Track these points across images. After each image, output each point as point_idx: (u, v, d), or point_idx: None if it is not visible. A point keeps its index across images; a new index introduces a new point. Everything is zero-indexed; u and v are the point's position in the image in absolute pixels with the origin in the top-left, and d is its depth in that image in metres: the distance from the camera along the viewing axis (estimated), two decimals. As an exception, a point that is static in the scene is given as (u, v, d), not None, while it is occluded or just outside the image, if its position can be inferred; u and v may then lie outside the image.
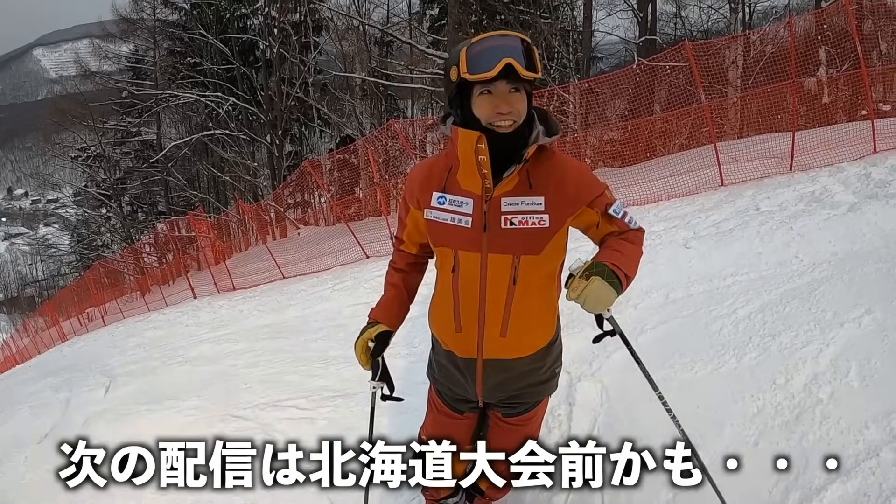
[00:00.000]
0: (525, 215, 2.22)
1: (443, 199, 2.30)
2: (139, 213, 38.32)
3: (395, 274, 2.65)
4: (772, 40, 16.83)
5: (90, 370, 8.27)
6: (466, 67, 2.07)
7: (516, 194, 2.23)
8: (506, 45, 2.07)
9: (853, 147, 9.67)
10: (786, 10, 23.21)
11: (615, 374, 4.32)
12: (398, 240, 2.64)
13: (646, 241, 7.13)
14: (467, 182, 2.26)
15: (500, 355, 2.41)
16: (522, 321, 2.36)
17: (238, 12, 32.29)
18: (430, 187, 2.34)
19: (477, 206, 2.24)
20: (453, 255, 2.32)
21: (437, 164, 2.38)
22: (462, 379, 2.52)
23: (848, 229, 6.20)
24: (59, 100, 42.65)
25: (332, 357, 6.47)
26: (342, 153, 22.18)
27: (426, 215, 2.35)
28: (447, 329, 2.45)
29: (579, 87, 15.98)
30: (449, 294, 2.39)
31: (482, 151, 2.14)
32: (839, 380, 3.64)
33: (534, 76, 2.08)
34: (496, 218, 2.22)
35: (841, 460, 3.08)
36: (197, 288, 17.70)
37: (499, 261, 2.26)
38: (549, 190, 2.24)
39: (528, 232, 2.23)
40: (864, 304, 4.35)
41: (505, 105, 2.10)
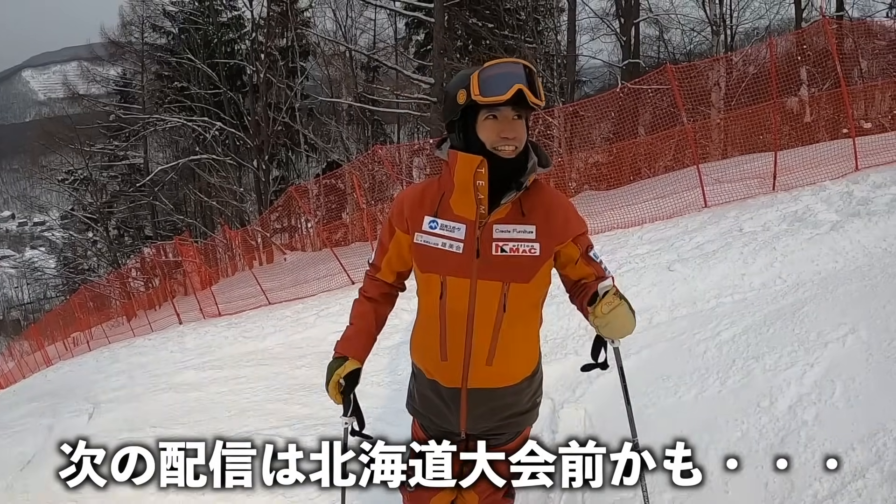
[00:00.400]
0: (516, 243, 2.22)
1: (434, 223, 2.28)
2: (126, 238, 38.19)
3: (366, 303, 2.59)
4: (754, 61, 17.02)
5: (74, 396, 8.19)
6: (479, 90, 2.08)
7: (508, 222, 2.23)
8: (517, 72, 2.09)
9: (835, 165, 9.74)
10: (767, 31, 23.48)
11: (599, 401, 4.29)
12: (374, 267, 2.59)
13: (630, 265, 7.14)
14: (461, 207, 2.24)
15: (485, 384, 2.37)
16: (509, 350, 2.33)
17: (226, 37, 32.46)
18: (421, 211, 2.31)
19: (470, 231, 2.22)
20: (441, 281, 2.28)
21: (430, 189, 2.36)
22: (445, 409, 2.47)
23: (831, 248, 6.23)
24: (46, 122, 42.65)
25: (316, 385, 6.40)
26: (328, 178, 22.18)
27: (416, 239, 2.31)
28: (432, 358, 2.41)
29: (564, 111, 16.07)
30: (435, 322, 2.35)
31: (481, 176, 2.14)
32: (824, 401, 3.63)
33: (540, 104, 2.11)
34: (488, 244, 2.21)
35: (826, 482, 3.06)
36: (183, 313, 17.58)
37: (488, 287, 2.24)
38: (540, 219, 2.25)
39: (518, 259, 2.23)
40: (848, 323, 4.35)
41: (510, 130, 2.12)
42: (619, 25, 22.75)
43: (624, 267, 7.71)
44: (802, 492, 3.06)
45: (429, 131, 23.92)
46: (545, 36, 24.66)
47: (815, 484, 3.07)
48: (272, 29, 28.98)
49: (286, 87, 28.09)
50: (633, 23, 22.13)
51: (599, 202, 12.73)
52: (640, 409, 4.01)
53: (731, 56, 18.63)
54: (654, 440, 2.69)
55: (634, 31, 22.37)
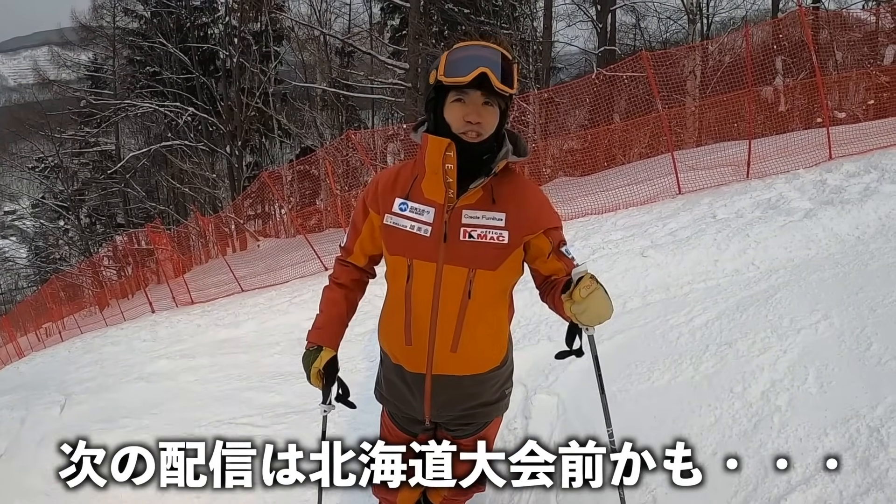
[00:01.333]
0: (485, 229, 2.20)
1: (405, 205, 2.26)
2: (97, 226, 37.78)
3: (337, 290, 2.55)
4: (729, 50, 17.11)
5: (46, 388, 8.08)
6: (444, 71, 2.07)
7: (478, 208, 2.21)
8: (485, 55, 2.07)
9: (809, 154, 9.81)
10: (743, 20, 23.59)
11: (572, 387, 4.28)
12: (345, 250, 2.54)
13: (604, 250, 7.13)
14: (431, 191, 2.22)
15: (449, 371, 2.34)
16: (474, 337, 2.30)
17: (198, 21, 32.09)
18: (393, 193, 2.29)
19: (438, 215, 2.21)
20: (408, 264, 2.26)
21: (404, 171, 2.34)
22: (410, 395, 2.44)
23: (804, 235, 6.27)
24: (16, 108, 41.96)
25: (289, 372, 6.38)
26: (302, 164, 22.05)
27: (385, 220, 2.29)
28: (397, 342, 2.38)
29: (539, 97, 16.05)
30: (401, 305, 2.32)
31: (450, 160, 2.12)
32: (797, 386, 3.64)
33: (507, 90, 2.07)
34: (455, 229, 2.19)
35: (800, 468, 3.07)
36: (155, 302, 17.41)
37: (454, 272, 2.21)
38: (511, 208, 2.23)
39: (486, 246, 2.20)
40: (820, 309, 4.38)
41: (475, 115, 2.08)
42: (596, 12, 22.82)
43: (597, 253, 7.72)
44: (776, 477, 3.06)
45: (403, 117, 23.83)
46: (521, 22, 24.63)
47: (790, 470, 3.08)
48: (246, 13, 28.64)
49: (259, 72, 27.86)
50: (610, 10, 22.19)
51: (574, 188, 12.74)
52: (613, 395, 4.01)
53: (706, 44, 18.72)
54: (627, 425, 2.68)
55: (611, 18, 22.43)
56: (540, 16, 23.58)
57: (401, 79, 22.53)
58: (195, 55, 30.59)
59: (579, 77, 21.24)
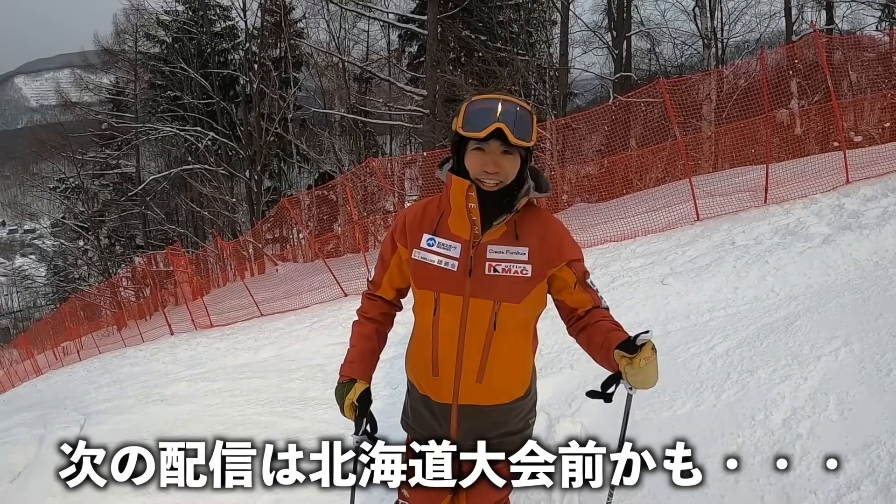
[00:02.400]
0: (509, 263, 2.27)
1: (432, 241, 2.33)
2: (117, 247, 38.00)
3: (368, 324, 2.61)
4: (745, 74, 17.11)
5: (65, 407, 8.14)
6: (462, 123, 2.14)
7: (502, 243, 2.28)
8: (504, 109, 2.11)
9: (826, 178, 9.79)
10: (758, 43, 23.63)
11: (595, 415, 4.29)
12: (374, 284, 2.61)
13: (623, 278, 7.14)
14: (457, 227, 2.30)
15: (475, 401, 2.39)
16: (499, 368, 2.36)
17: (219, 47, 32.52)
18: (421, 229, 2.36)
19: (464, 250, 2.28)
20: (435, 297, 2.33)
21: (430, 207, 2.41)
22: (436, 425, 2.49)
23: (822, 262, 6.27)
24: (38, 129, 42.34)
25: (310, 398, 6.41)
26: (321, 189, 22.18)
27: (413, 255, 2.35)
28: (424, 373, 2.44)
29: (556, 124, 16.14)
30: (428, 337, 2.38)
31: (472, 199, 2.21)
32: (818, 414, 3.65)
33: (524, 144, 2.14)
34: (481, 264, 2.26)
35: (822, 495, 3.08)
36: (174, 324, 17.52)
37: (480, 305, 2.29)
38: (533, 242, 2.30)
39: (510, 280, 2.27)
40: (840, 336, 4.39)
41: (492, 165, 2.15)
42: (612, 38, 22.93)
43: (617, 281, 7.73)
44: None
45: (421, 143, 23.97)
46: (538, 48, 24.76)
47: (811, 496, 3.09)
48: (265, 39, 29.05)
49: (279, 98, 28.14)
50: (625, 36, 22.28)
51: (592, 215, 12.77)
52: (635, 423, 4.03)
53: (722, 69, 18.76)
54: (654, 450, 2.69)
55: (626, 44, 22.52)
56: (556, 42, 23.69)
57: (418, 105, 22.68)
58: (216, 80, 30.95)
59: (596, 103, 21.34)
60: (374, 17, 26.86)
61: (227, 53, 32.81)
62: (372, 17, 26.64)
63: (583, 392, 4.55)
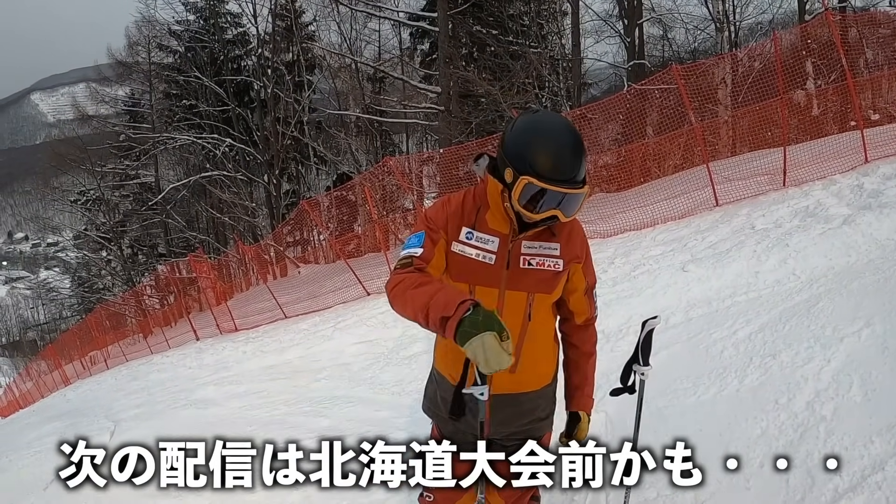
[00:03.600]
0: (542, 258, 2.37)
1: (471, 234, 2.38)
2: (139, 256, 38.29)
3: (426, 277, 2.28)
4: (759, 56, 16.96)
5: (94, 414, 8.26)
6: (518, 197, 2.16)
7: (537, 239, 2.37)
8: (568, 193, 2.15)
9: (845, 158, 9.70)
10: (770, 25, 23.39)
11: (618, 404, 4.29)
12: (423, 259, 2.36)
13: (644, 266, 7.12)
14: (495, 222, 2.36)
15: (508, 390, 2.46)
16: (532, 356, 2.45)
17: (232, 54, 32.68)
18: (460, 222, 2.41)
19: (502, 244, 2.35)
20: (469, 290, 2.39)
21: (467, 201, 2.45)
22: (469, 415, 2.53)
23: (843, 242, 6.24)
24: (57, 144, 42.71)
25: (337, 397, 6.46)
26: (339, 191, 22.24)
27: (452, 248, 2.40)
28: (457, 366, 2.46)
29: (571, 115, 16.08)
30: None
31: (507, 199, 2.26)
32: (842, 395, 3.66)
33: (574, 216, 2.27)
34: (517, 258, 2.35)
35: (847, 476, 3.09)
36: (199, 329, 17.65)
37: (515, 297, 2.37)
38: (564, 238, 2.40)
39: (544, 273, 2.37)
40: (863, 317, 4.38)
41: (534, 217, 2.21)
42: (623, 27, 22.76)
43: (638, 269, 7.73)
44: (823, 486, 3.09)
45: (437, 140, 23.99)
46: (549, 40, 24.69)
47: (836, 478, 3.10)
48: (277, 44, 29.16)
49: (294, 101, 28.27)
50: (637, 23, 22.10)
51: (611, 205, 12.74)
52: (659, 410, 4.06)
53: (735, 52, 18.61)
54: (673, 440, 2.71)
55: (638, 31, 22.34)
56: (568, 33, 23.58)
57: (433, 102, 22.70)
58: (230, 87, 31.10)
59: (610, 92, 21.23)
60: (384, 17, 26.87)
61: (240, 60, 32.96)
62: (382, 16, 26.64)
63: (606, 382, 4.58)
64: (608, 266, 8.34)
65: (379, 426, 5.17)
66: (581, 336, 2.61)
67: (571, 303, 2.53)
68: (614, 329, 6.06)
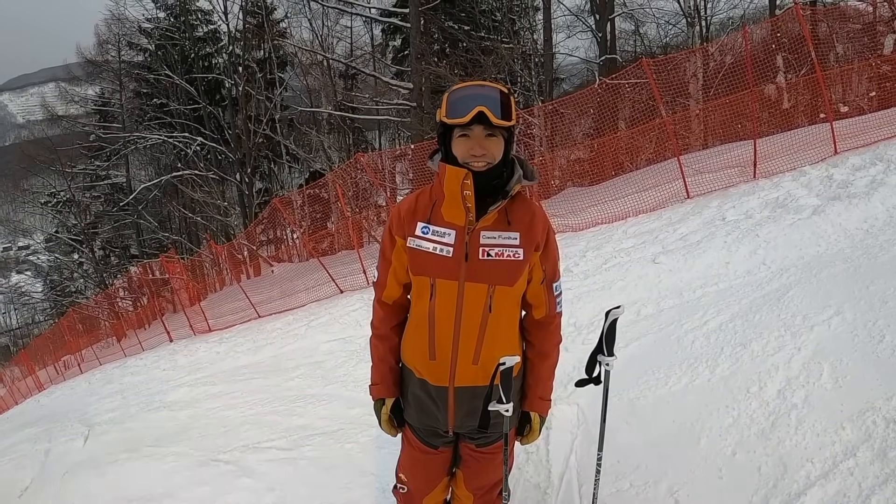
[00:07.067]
0: (502, 248, 2.35)
1: (427, 228, 2.39)
2: (112, 258, 37.94)
3: (381, 346, 2.67)
4: (730, 51, 17.10)
5: (68, 420, 8.14)
6: (446, 112, 2.25)
7: (495, 229, 2.36)
8: (482, 93, 2.22)
9: (814, 150, 9.80)
10: (742, 20, 23.57)
11: (590, 396, 4.31)
12: (378, 285, 2.64)
13: (616, 259, 7.15)
14: (451, 214, 2.36)
15: (471, 382, 2.46)
16: (493, 349, 2.42)
17: (203, 52, 32.47)
18: (415, 218, 2.42)
19: (459, 237, 2.35)
20: (430, 283, 2.39)
21: (422, 198, 2.47)
22: (434, 408, 2.55)
23: (813, 232, 6.31)
24: (26, 145, 42.08)
25: (311, 395, 6.43)
26: (312, 188, 22.17)
27: (409, 243, 2.41)
28: (421, 357, 2.50)
29: (543, 110, 16.14)
30: (424, 323, 2.45)
31: (468, 187, 2.27)
32: (812, 383, 3.69)
33: (506, 124, 2.23)
34: (475, 249, 2.34)
35: (819, 463, 3.11)
36: (173, 331, 17.51)
37: (475, 289, 2.36)
38: (524, 227, 2.39)
39: (504, 263, 2.35)
40: (833, 305, 4.42)
41: (479, 148, 2.24)
42: (595, 22, 22.86)
43: (609, 262, 7.75)
44: (795, 473, 3.11)
45: (410, 136, 23.95)
46: (521, 35, 24.74)
47: (808, 465, 3.12)
48: (249, 41, 29.00)
49: (265, 99, 28.11)
50: (609, 18, 22.22)
51: (583, 198, 12.78)
52: (632, 401, 4.07)
53: (707, 47, 18.74)
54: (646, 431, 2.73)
55: (610, 26, 22.46)
56: (540, 28, 23.66)
57: (405, 99, 22.67)
58: (201, 85, 30.90)
59: (582, 87, 21.30)
60: (356, 13, 26.75)
61: (210, 58, 32.75)
62: (354, 13, 26.54)
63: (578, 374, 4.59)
64: (580, 259, 8.36)
65: (352, 423, 5.15)
66: (538, 334, 2.58)
67: (529, 293, 2.51)
68: (585, 322, 6.06)
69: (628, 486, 3.45)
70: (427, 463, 2.75)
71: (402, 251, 2.48)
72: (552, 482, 3.70)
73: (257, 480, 4.34)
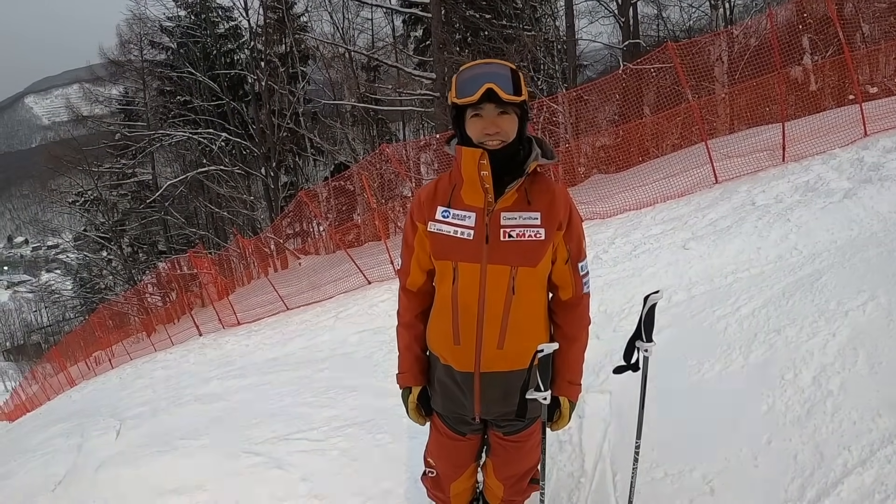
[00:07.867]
0: (523, 228, 2.32)
1: (447, 212, 2.38)
2: (140, 254, 38.30)
3: (406, 334, 2.68)
4: (755, 33, 16.88)
5: (100, 414, 8.22)
6: (455, 93, 2.24)
7: (515, 209, 2.34)
8: (490, 71, 2.21)
9: (844, 132, 9.67)
10: (766, 1, 23.26)
11: (623, 384, 4.27)
12: (402, 272, 2.64)
13: (645, 246, 7.10)
14: (470, 197, 2.35)
15: (496, 367, 2.44)
16: (519, 332, 2.41)
17: (224, 48, 32.61)
18: (435, 203, 2.43)
19: (479, 219, 2.33)
20: (453, 267, 2.38)
21: (441, 183, 2.48)
22: (460, 394, 2.55)
23: (845, 216, 6.21)
24: (52, 146, 42.74)
25: (341, 386, 6.43)
26: (337, 181, 22.20)
27: (430, 228, 2.41)
28: (446, 342, 2.49)
29: (568, 97, 16.03)
30: (448, 307, 2.44)
31: (484, 167, 2.25)
32: (848, 369, 3.63)
33: (516, 100, 2.20)
34: (496, 231, 2.32)
35: (856, 451, 3.06)
36: (202, 325, 17.64)
37: (497, 271, 2.34)
38: (545, 206, 2.36)
39: (525, 244, 2.32)
40: (867, 290, 4.35)
41: (492, 126, 2.23)
42: (617, 6, 22.63)
43: (639, 248, 7.70)
44: (832, 461, 3.06)
45: (434, 126, 23.92)
46: (543, 22, 24.59)
47: (844, 453, 3.07)
48: (270, 36, 29.07)
49: (288, 93, 28.21)
50: (631, 3, 22.00)
51: (610, 185, 12.70)
52: (665, 389, 4.02)
53: (731, 29, 18.51)
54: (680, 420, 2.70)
55: (632, 11, 22.24)
56: (561, 15, 23.44)
57: (428, 89, 22.64)
58: (224, 81, 31.08)
59: (606, 73, 21.15)
60: (376, 5, 26.75)
61: (232, 54, 32.91)
62: (374, 4, 26.53)
63: (610, 361, 4.56)
64: (609, 246, 8.31)
65: (383, 413, 5.15)
66: (566, 316, 2.54)
67: (554, 274, 2.47)
68: (616, 309, 6.02)
69: (662, 474, 3.42)
70: (454, 449, 2.77)
71: (423, 237, 2.47)
72: (586, 471, 3.68)
73: (289, 472, 4.36)
